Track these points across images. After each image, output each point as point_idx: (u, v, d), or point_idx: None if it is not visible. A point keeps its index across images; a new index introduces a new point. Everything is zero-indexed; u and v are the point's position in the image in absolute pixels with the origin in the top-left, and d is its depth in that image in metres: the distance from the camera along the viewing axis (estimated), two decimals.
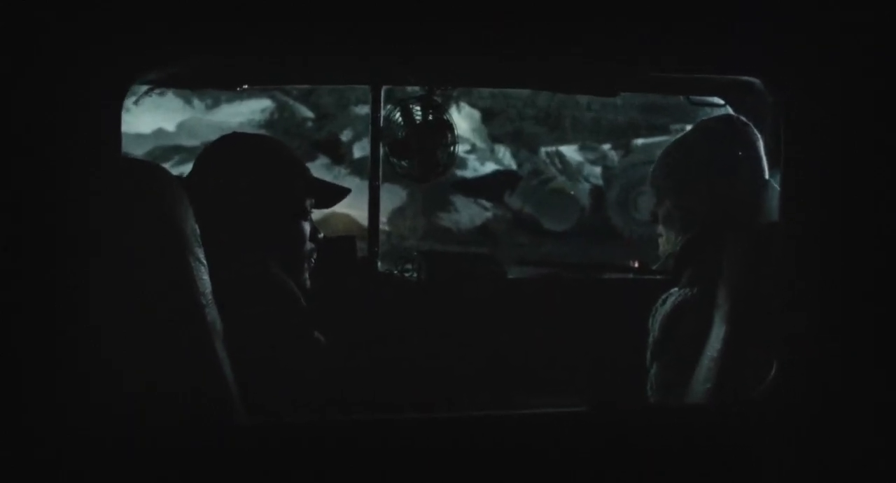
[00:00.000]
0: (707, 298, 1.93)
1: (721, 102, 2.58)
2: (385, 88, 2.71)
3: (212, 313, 1.62)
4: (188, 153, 9.98)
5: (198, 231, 1.65)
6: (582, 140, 10.73)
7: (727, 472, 1.55)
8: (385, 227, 9.28)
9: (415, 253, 2.80)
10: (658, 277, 2.73)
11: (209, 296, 1.63)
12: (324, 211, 2.24)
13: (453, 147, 2.57)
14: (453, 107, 9.48)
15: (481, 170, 10.74)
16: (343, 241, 2.67)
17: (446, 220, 10.22)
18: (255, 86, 3.33)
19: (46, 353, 1.33)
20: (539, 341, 2.66)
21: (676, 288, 2.08)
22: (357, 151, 10.24)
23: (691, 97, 2.68)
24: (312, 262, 2.07)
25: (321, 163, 10.15)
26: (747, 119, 2.16)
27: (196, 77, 2.53)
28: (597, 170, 10.70)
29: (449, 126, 2.56)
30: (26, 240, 1.32)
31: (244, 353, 1.69)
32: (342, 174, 10.00)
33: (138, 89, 2.15)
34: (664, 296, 2.10)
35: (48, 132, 1.32)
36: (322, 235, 2.10)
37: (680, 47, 1.52)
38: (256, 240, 1.91)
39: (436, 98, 2.56)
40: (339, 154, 10.43)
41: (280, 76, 2.74)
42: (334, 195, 2.13)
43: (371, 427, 1.48)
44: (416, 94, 2.59)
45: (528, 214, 10.39)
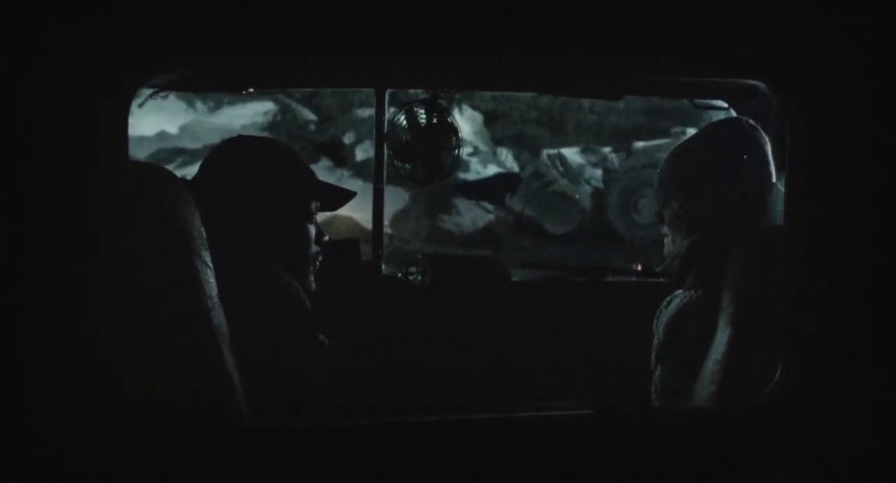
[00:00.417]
0: (712, 301, 1.93)
1: (725, 105, 2.58)
2: (389, 91, 2.71)
3: (218, 316, 1.63)
4: (190, 156, 10.01)
5: (204, 234, 1.65)
6: (584, 143, 10.74)
7: (732, 475, 1.55)
8: (387, 230, 9.30)
9: (419, 256, 2.80)
10: (661, 280, 2.73)
11: (215, 298, 1.63)
12: (326, 214, 2.24)
13: (457, 150, 2.57)
14: (455, 109, 9.49)
15: (484, 173, 10.75)
16: (347, 244, 2.68)
17: (449, 223, 10.23)
18: (259, 89, 3.34)
19: (47, 355, 1.34)
20: (543, 344, 2.66)
21: (681, 290, 2.08)
22: (359, 154, 10.26)
23: (695, 100, 2.68)
24: (317, 265, 2.07)
25: (323, 165, 10.17)
26: (752, 121, 2.16)
27: (201, 80, 2.53)
28: (598, 172, 10.72)
29: (453, 129, 2.56)
30: (31, 241, 1.32)
31: (249, 356, 1.69)
32: (344, 177, 10.02)
33: (143, 92, 2.15)
34: (668, 298, 2.10)
35: (54, 134, 1.33)
36: (327, 238, 2.10)
37: (683, 50, 1.52)
38: (262, 242, 1.92)
39: (440, 101, 2.56)
40: (342, 157, 10.44)
41: (284, 79, 2.74)
42: (340, 198, 2.13)
43: (375, 430, 1.48)
44: (421, 97, 2.59)
45: (531, 217, 10.40)
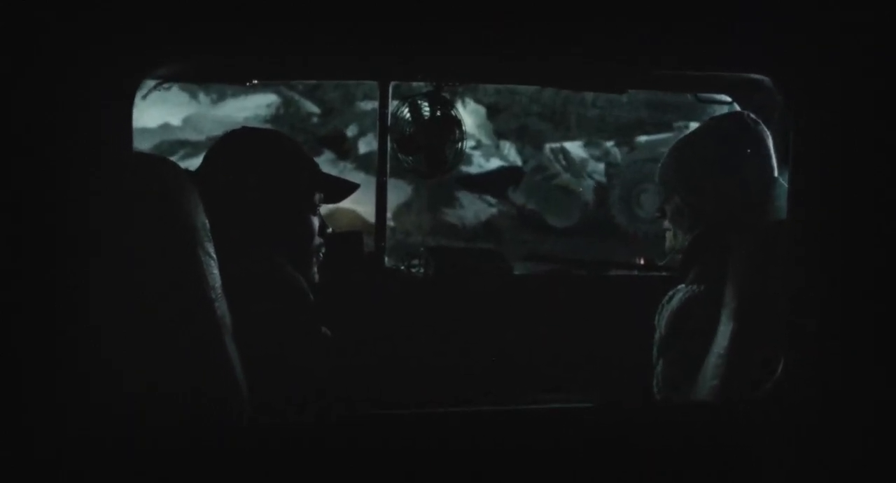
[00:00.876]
0: (714, 296, 1.93)
1: (729, 100, 2.57)
2: (392, 84, 2.71)
3: (221, 307, 1.63)
4: (193, 148, 10.00)
5: (207, 225, 1.65)
6: (587, 136, 10.73)
7: (732, 470, 1.56)
8: (391, 223, 9.29)
9: (421, 248, 2.80)
10: (664, 274, 2.73)
11: (219, 290, 1.63)
12: (329, 206, 2.25)
13: (461, 143, 2.57)
14: (459, 102, 9.48)
15: (486, 166, 10.74)
16: (350, 237, 2.68)
17: (451, 216, 10.23)
18: (263, 80, 3.33)
19: (51, 350, 1.34)
20: (545, 337, 2.66)
21: (683, 285, 2.08)
22: (362, 147, 10.25)
23: (699, 94, 2.68)
24: (321, 257, 2.08)
25: (326, 158, 10.16)
26: (755, 116, 2.16)
27: (203, 72, 2.53)
28: (601, 166, 10.70)
29: (457, 122, 2.56)
30: (35, 236, 1.33)
31: (252, 348, 1.69)
32: (347, 170, 10.01)
33: (146, 84, 2.15)
34: (671, 292, 2.10)
35: (57, 130, 1.33)
36: (331, 230, 2.10)
37: (687, 45, 1.52)
38: (265, 234, 1.92)
39: (444, 94, 2.56)
40: (345, 149, 10.43)
41: (287, 72, 2.74)
42: (343, 190, 2.13)
43: (377, 422, 1.49)
44: (424, 90, 2.59)
45: (533, 211, 10.39)
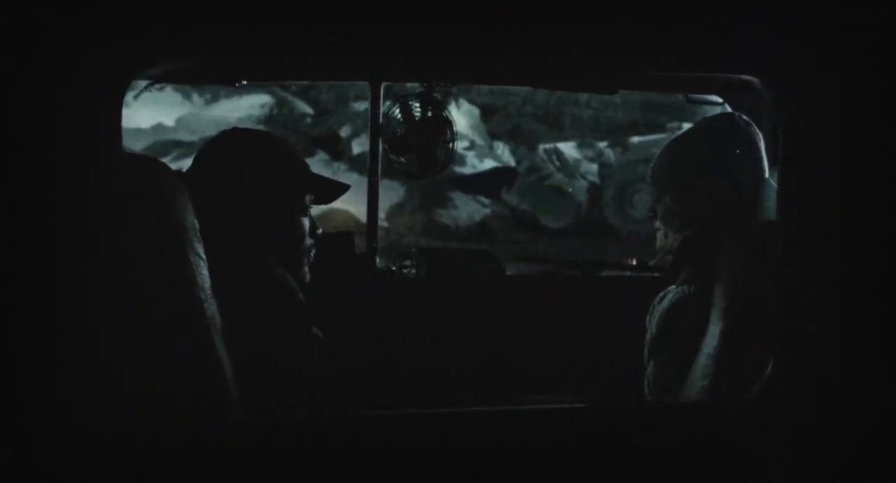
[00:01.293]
0: (704, 296, 1.93)
1: (720, 101, 2.58)
2: (384, 85, 2.71)
3: (211, 308, 1.63)
4: (187, 148, 9.99)
5: (197, 226, 1.65)
6: (581, 137, 10.74)
7: (723, 470, 1.56)
8: (384, 224, 9.29)
9: (413, 249, 2.80)
10: (656, 275, 2.73)
11: (209, 291, 1.63)
12: (322, 207, 2.25)
13: (452, 144, 2.57)
14: (452, 103, 9.49)
15: (480, 167, 10.75)
16: (342, 237, 2.68)
17: (445, 217, 10.23)
18: (255, 82, 3.33)
19: (46, 352, 1.34)
20: (537, 338, 2.66)
21: (674, 285, 2.08)
22: (356, 147, 10.25)
23: (690, 95, 2.68)
24: (311, 258, 2.08)
25: (320, 158, 10.16)
26: (747, 117, 2.16)
27: (195, 73, 2.53)
28: (594, 167, 10.72)
29: (448, 123, 2.56)
30: (26, 238, 1.32)
31: (243, 349, 1.69)
32: (341, 170, 10.01)
33: (138, 84, 2.15)
34: (662, 293, 2.11)
35: (48, 131, 1.32)
36: (321, 231, 2.10)
37: (678, 46, 1.52)
38: (255, 235, 1.92)
39: (435, 95, 2.56)
40: (338, 150, 10.43)
41: (279, 72, 2.74)
42: (333, 191, 2.13)
43: (368, 423, 1.49)
44: (416, 91, 2.59)
45: (527, 211, 10.40)
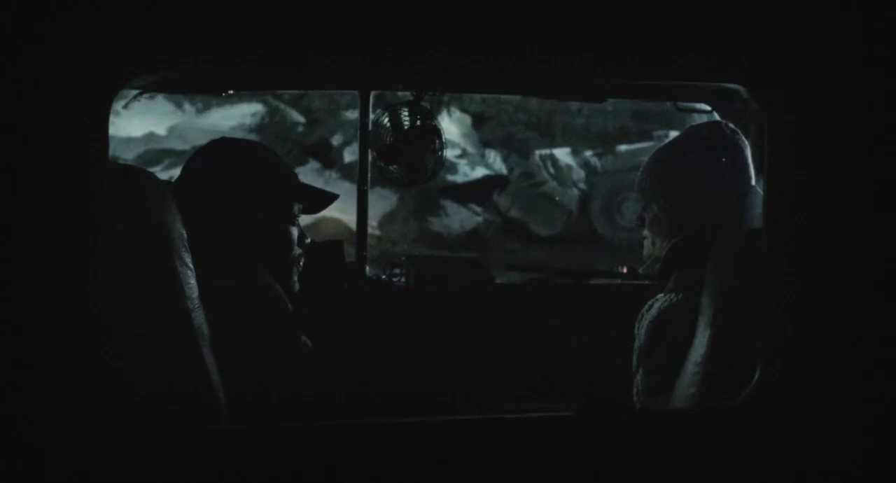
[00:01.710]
0: (692, 304, 1.94)
1: (708, 108, 2.59)
2: (374, 93, 2.71)
3: (198, 317, 1.63)
4: (178, 157, 9.96)
5: (185, 236, 1.65)
6: (573, 145, 10.75)
7: (711, 476, 1.56)
8: (375, 232, 9.28)
9: (403, 258, 2.80)
10: (646, 283, 2.74)
11: (196, 300, 1.63)
12: (314, 215, 2.25)
13: (441, 152, 2.57)
14: (444, 111, 9.49)
15: (472, 175, 10.74)
16: (331, 246, 2.68)
17: (437, 225, 10.22)
18: (245, 90, 3.33)
19: (32, 361, 1.34)
20: (526, 346, 2.66)
21: (662, 293, 2.09)
22: (348, 156, 10.23)
23: (679, 104, 2.69)
24: (300, 267, 2.08)
25: (312, 167, 10.14)
26: (734, 125, 2.17)
27: (183, 82, 2.53)
28: (587, 174, 10.72)
29: (437, 131, 2.56)
30: (12, 248, 1.32)
31: (231, 358, 1.69)
32: (333, 178, 10.00)
33: (127, 94, 2.15)
34: (650, 301, 2.11)
35: (34, 140, 1.32)
36: (309, 240, 2.10)
37: (666, 55, 1.53)
38: (243, 244, 1.92)
39: (424, 103, 2.57)
40: (330, 158, 10.42)
41: (270, 81, 2.74)
42: (321, 201, 2.13)
43: (356, 431, 1.49)
44: (405, 100, 2.59)
45: (519, 219, 10.40)
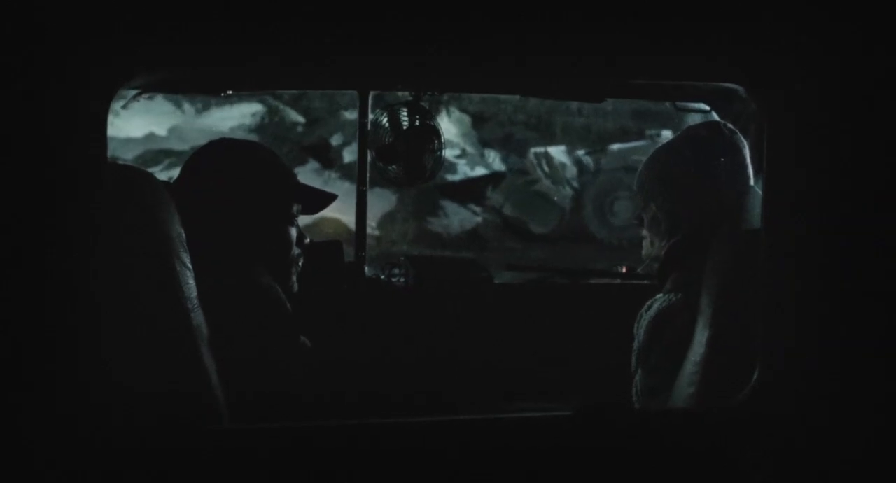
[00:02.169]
0: (691, 304, 1.94)
1: (707, 108, 2.59)
2: (373, 93, 2.72)
3: (197, 317, 1.63)
4: (178, 157, 9.96)
5: (184, 236, 1.65)
6: (571, 144, 10.75)
7: (710, 477, 1.56)
8: (375, 232, 9.28)
9: (402, 258, 2.80)
10: (645, 282, 2.74)
11: (195, 300, 1.63)
12: (313, 215, 2.25)
13: (440, 152, 2.57)
14: (443, 111, 9.49)
15: (471, 174, 10.74)
16: (330, 246, 2.67)
17: (436, 225, 10.23)
18: (245, 91, 3.33)
19: (31, 361, 1.34)
20: (525, 346, 2.66)
21: (661, 293, 2.09)
22: (347, 156, 10.23)
23: (677, 103, 2.69)
24: (299, 268, 2.08)
25: (311, 167, 10.14)
26: (733, 125, 2.17)
27: (184, 82, 2.53)
28: (584, 173, 10.73)
29: (435, 131, 2.56)
30: (9, 248, 1.32)
31: (230, 357, 1.69)
32: (332, 178, 10.00)
33: (126, 94, 2.15)
34: (649, 302, 2.11)
35: (32, 140, 1.32)
36: (308, 240, 2.10)
37: (665, 54, 1.53)
38: (242, 245, 1.92)
39: (423, 103, 2.57)
40: (329, 158, 10.42)
41: (269, 81, 2.75)
42: (320, 201, 2.13)
43: (356, 431, 1.49)
44: (404, 100, 2.59)
45: (518, 219, 10.41)
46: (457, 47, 1.47)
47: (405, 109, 2.55)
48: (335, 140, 10.52)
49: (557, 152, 10.67)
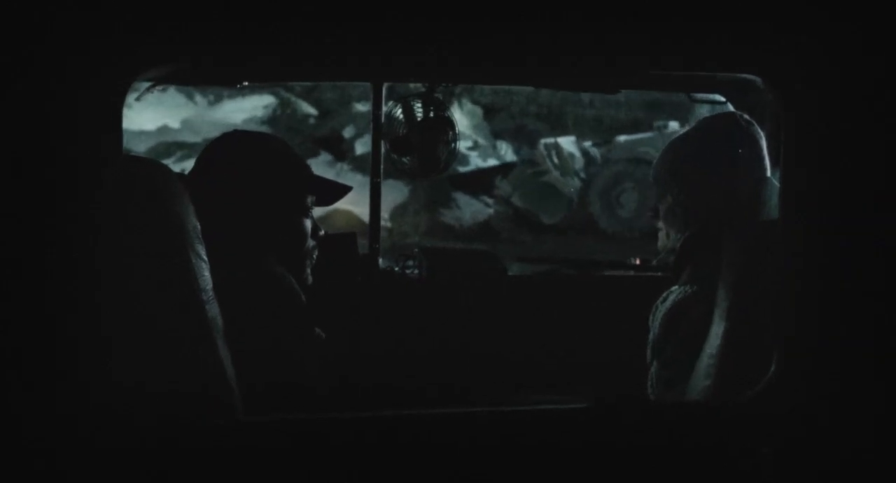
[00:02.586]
0: (707, 296, 1.93)
1: (722, 99, 2.58)
2: (386, 85, 2.71)
3: (212, 309, 1.63)
4: (190, 149, 9.99)
5: (199, 228, 1.66)
6: (583, 135, 10.72)
7: (725, 469, 1.56)
8: (387, 224, 9.29)
9: (415, 249, 2.80)
10: (660, 274, 2.73)
11: (210, 292, 1.64)
12: (325, 207, 2.25)
13: (454, 144, 2.57)
14: (455, 103, 9.48)
15: (483, 166, 10.74)
16: (344, 238, 2.68)
17: (448, 217, 10.23)
18: (258, 83, 3.34)
19: (48, 354, 1.34)
20: (539, 338, 2.66)
21: (676, 285, 2.08)
22: (359, 148, 10.24)
23: (693, 94, 2.68)
24: (313, 260, 2.08)
25: (323, 159, 10.16)
26: (749, 116, 2.16)
27: (196, 74, 2.53)
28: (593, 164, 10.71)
29: (450, 123, 2.56)
30: (27, 240, 1.33)
31: (245, 350, 1.69)
32: (344, 170, 10.01)
33: (140, 86, 2.15)
34: (665, 294, 2.10)
35: (48, 132, 1.33)
36: (323, 232, 2.10)
37: (681, 45, 1.52)
38: (257, 237, 1.92)
39: (437, 95, 2.56)
40: (341, 150, 10.43)
41: (282, 73, 2.75)
42: (335, 193, 2.13)
43: (370, 423, 1.49)
44: (418, 91, 2.59)
45: (530, 211, 10.40)
46: (471, 39, 1.47)
47: (419, 101, 2.55)
48: (347, 132, 10.52)
49: (567, 143, 10.64)
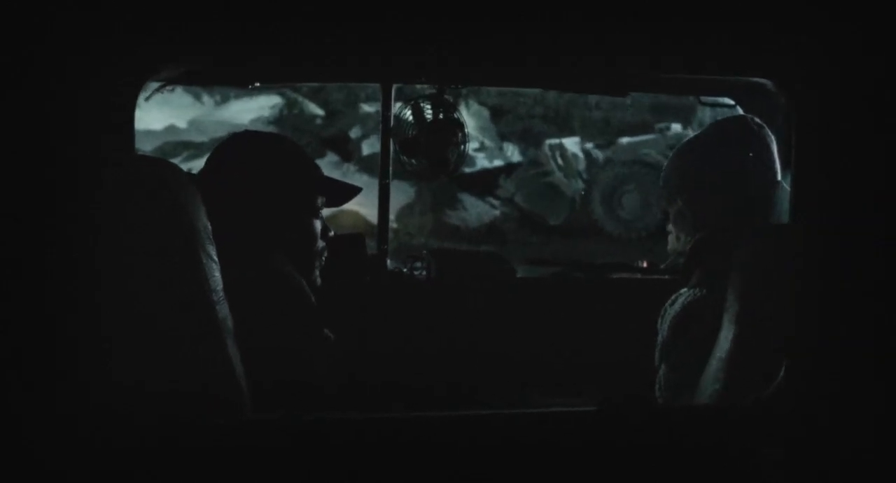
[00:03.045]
0: (716, 300, 1.92)
1: (732, 103, 2.57)
2: (396, 86, 2.71)
3: (223, 310, 1.63)
4: (197, 149, 10.02)
5: (209, 228, 1.66)
6: (589, 137, 10.73)
7: (734, 473, 1.55)
8: (393, 225, 9.30)
9: (424, 251, 2.80)
10: (667, 277, 2.73)
11: (220, 293, 1.64)
12: (333, 208, 2.25)
13: (463, 146, 2.56)
14: (462, 104, 9.49)
15: (490, 168, 10.75)
16: (353, 239, 2.68)
17: (454, 218, 10.24)
18: (266, 83, 3.34)
19: (57, 353, 1.34)
20: (547, 340, 2.66)
21: (686, 288, 2.08)
22: (366, 149, 10.26)
23: (702, 98, 2.68)
24: (323, 261, 2.08)
25: (330, 160, 10.18)
26: (760, 119, 2.15)
27: (208, 75, 2.54)
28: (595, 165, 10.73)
29: (459, 125, 2.56)
30: (38, 239, 1.33)
31: (255, 350, 1.70)
32: (351, 171, 10.03)
33: (150, 86, 2.16)
34: (673, 296, 2.10)
35: (60, 132, 1.33)
36: (333, 233, 2.10)
37: (691, 48, 1.52)
38: (267, 237, 1.92)
39: (447, 97, 2.56)
40: (348, 151, 10.45)
41: (294, 74, 2.75)
42: (345, 193, 2.13)
43: (378, 424, 1.49)
44: (427, 93, 2.59)
45: (536, 213, 10.40)
46: (481, 40, 1.47)
47: (429, 103, 2.55)
48: (354, 133, 10.54)
49: (571, 144, 10.64)
